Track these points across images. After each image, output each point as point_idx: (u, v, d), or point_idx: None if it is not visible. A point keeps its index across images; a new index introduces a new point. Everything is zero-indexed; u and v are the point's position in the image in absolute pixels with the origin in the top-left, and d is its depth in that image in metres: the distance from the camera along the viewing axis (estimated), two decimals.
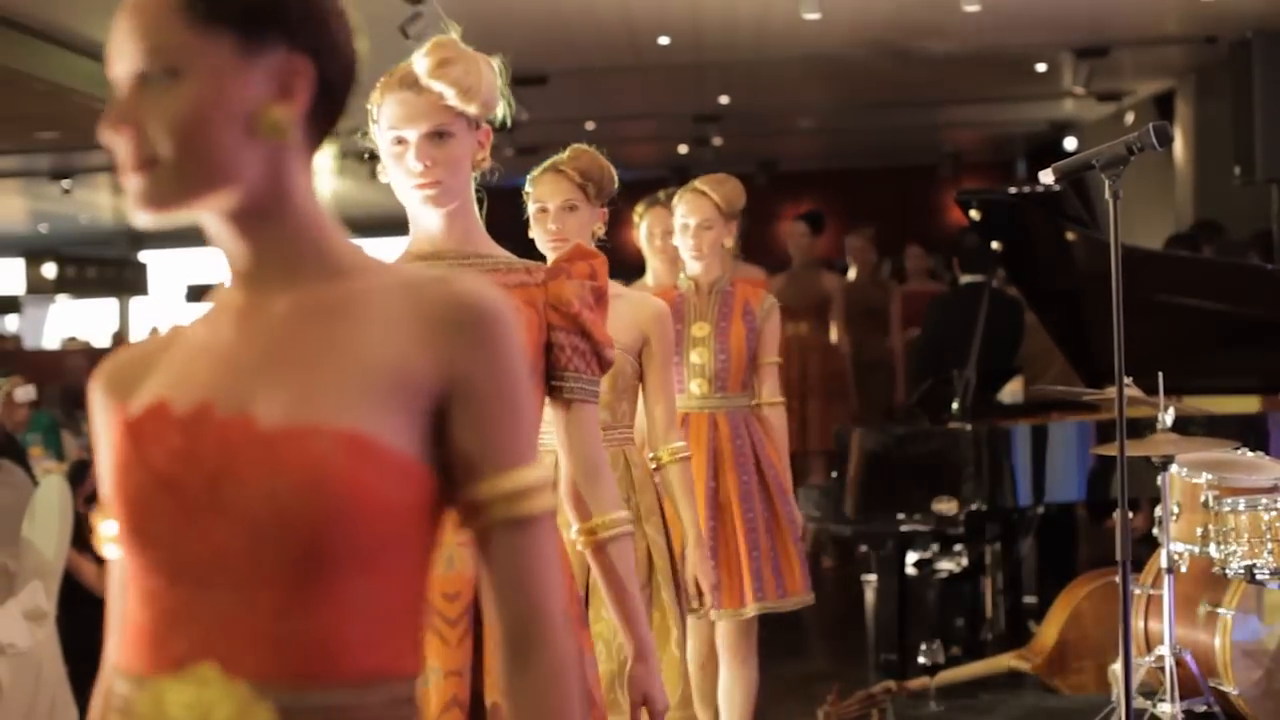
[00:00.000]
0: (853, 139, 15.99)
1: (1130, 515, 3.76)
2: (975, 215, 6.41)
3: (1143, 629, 5.08)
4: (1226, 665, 4.85)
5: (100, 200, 16.82)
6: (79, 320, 20.36)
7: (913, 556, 6.87)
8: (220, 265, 1.46)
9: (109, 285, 20.98)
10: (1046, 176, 3.84)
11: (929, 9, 9.07)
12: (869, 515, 5.94)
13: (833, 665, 6.49)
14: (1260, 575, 4.67)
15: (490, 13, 8.43)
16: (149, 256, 21.28)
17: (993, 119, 14.94)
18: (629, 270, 5.56)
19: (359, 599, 1.37)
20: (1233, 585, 4.89)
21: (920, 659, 5.50)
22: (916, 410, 6.69)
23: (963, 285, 7.70)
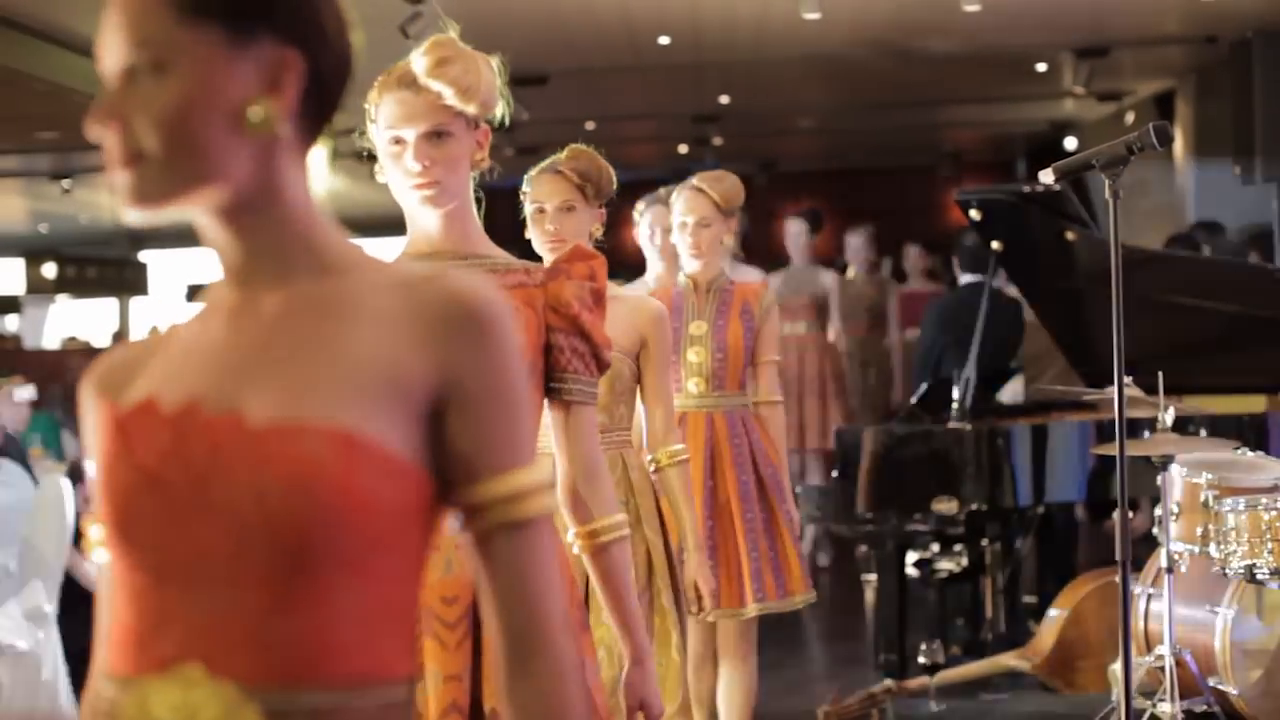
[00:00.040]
0: (852, 139, 15.97)
1: (1130, 515, 3.76)
2: (975, 215, 6.41)
3: (1143, 629, 5.08)
4: (1226, 665, 4.85)
5: (100, 200, 16.80)
6: (79, 320, 20.33)
7: (913, 556, 6.87)
8: (213, 263, 1.44)
9: (109, 285, 20.96)
10: (1046, 176, 3.84)
11: (929, 9, 9.06)
12: (884, 514, 5.94)
13: (833, 665, 6.50)
14: (1260, 575, 4.67)
15: (490, 12, 8.42)
16: (149, 256, 21.26)
17: (993, 119, 14.92)
18: (629, 269, 5.56)
19: (349, 600, 1.34)
20: (1233, 585, 4.89)
21: (920, 659, 5.50)
22: (916, 410, 6.68)
23: (963, 285, 7.70)
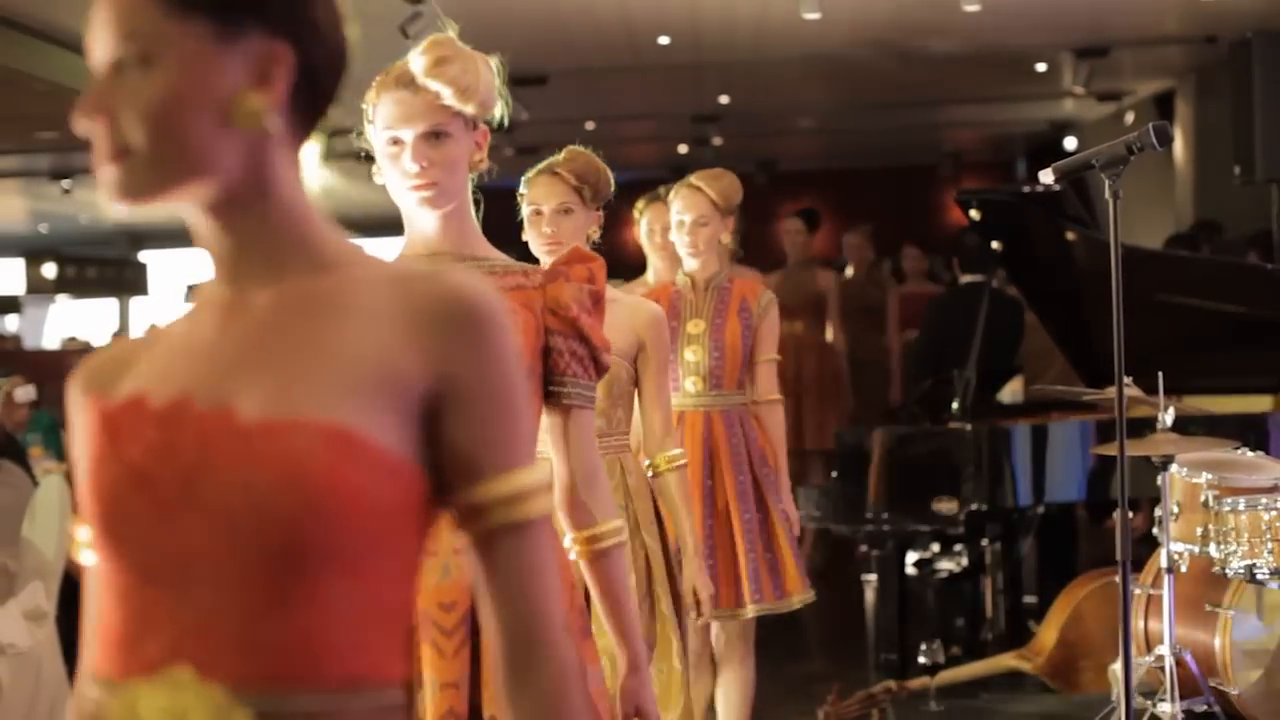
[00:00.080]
0: (852, 139, 15.98)
1: (1130, 515, 3.76)
2: (975, 215, 6.41)
3: (1143, 629, 5.07)
4: (1227, 665, 4.85)
5: (100, 200, 16.81)
6: (79, 320, 20.34)
7: (913, 556, 6.87)
8: (203, 259, 1.41)
9: (109, 285, 20.98)
10: (1046, 176, 3.84)
11: (929, 9, 9.06)
12: (884, 514, 5.94)
13: (833, 665, 6.49)
14: (1260, 575, 4.67)
15: (489, 12, 8.43)
16: (149, 256, 21.28)
17: (993, 119, 14.93)
18: (629, 268, 5.56)
19: (342, 601, 1.30)
20: (1233, 585, 4.89)
21: (920, 659, 5.49)
22: (916, 410, 6.68)
23: (963, 285, 7.70)
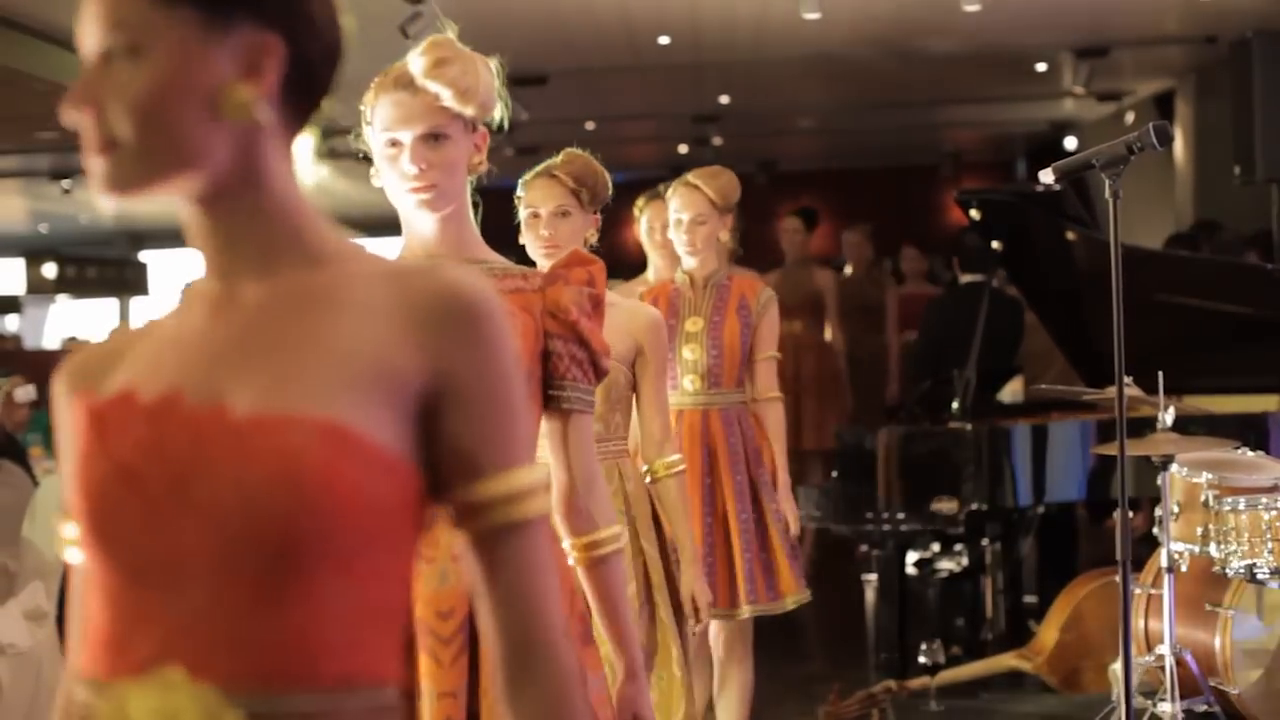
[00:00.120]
0: (852, 139, 15.97)
1: (1130, 515, 3.76)
2: (975, 215, 6.41)
3: (1143, 629, 5.07)
4: (1227, 665, 4.85)
5: (100, 200, 16.82)
6: (79, 320, 20.34)
7: (913, 556, 6.87)
8: (195, 254, 1.39)
9: (109, 285, 20.97)
10: (1046, 176, 3.84)
11: (929, 8, 9.06)
12: (884, 514, 5.94)
13: (833, 665, 6.49)
14: (1260, 575, 4.67)
15: (489, 13, 8.43)
16: (149, 256, 21.28)
17: (993, 119, 14.93)
18: (630, 268, 5.57)
19: (336, 599, 1.28)
20: (1233, 585, 4.88)
21: (920, 659, 5.50)
22: (916, 410, 6.68)
23: (963, 285, 7.70)
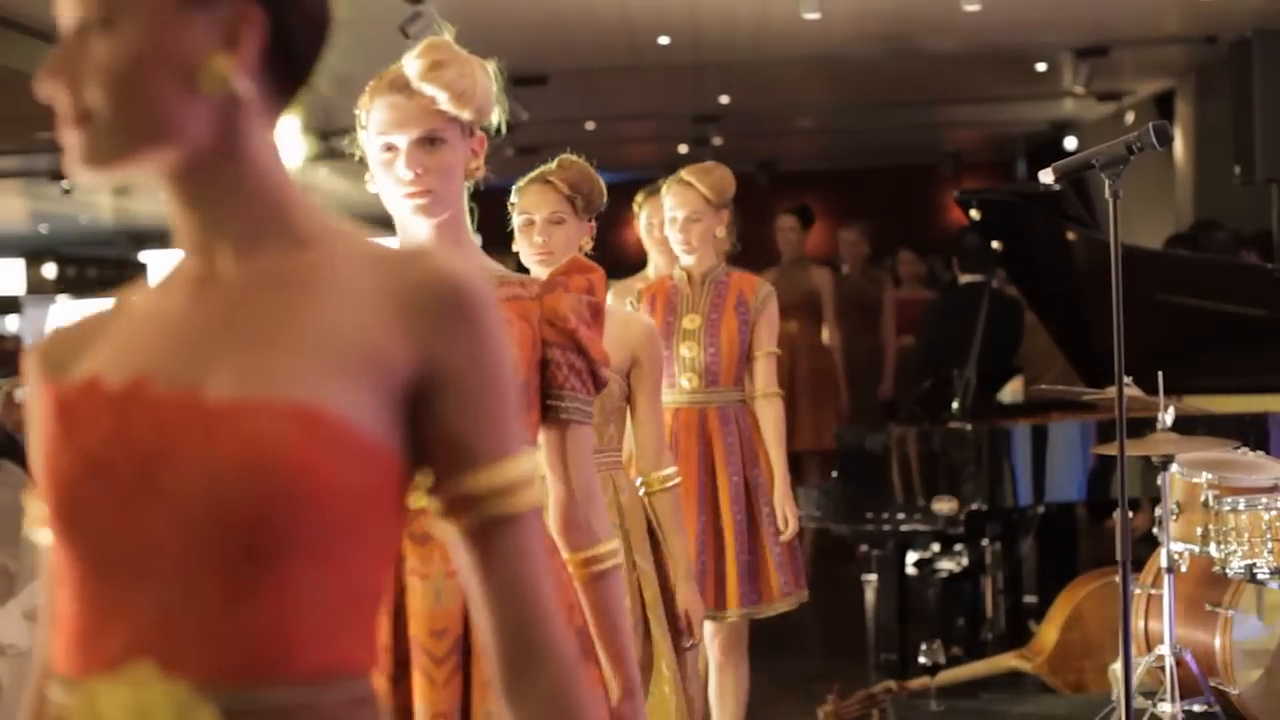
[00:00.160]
0: (852, 139, 15.98)
1: (1130, 515, 3.76)
2: (975, 215, 6.41)
3: (1143, 629, 5.07)
4: (1227, 665, 4.84)
5: (100, 200, 16.82)
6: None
7: (913, 556, 6.87)
8: (174, 233, 1.35)
9: (109, 285, 20.82)
10: (1046, 176, 3.84)
11: (929, 8, 9.06)
12: (884, 514, 5.93)
13: (833, 665, 6.48)
14: (1260, 575, 4.67)
15: (489, 13, 8.43)
16: (149, 256, 21.26)
17: (993, 119, 14.93)
18: (630, 268, 5.57)
19: (312, 589, 1.24)
20: (1233, 585, 4.88)
21: (920, 659, 5.50)
22: (916, 410, 6.68)
23: (963, 285, 7.70)
